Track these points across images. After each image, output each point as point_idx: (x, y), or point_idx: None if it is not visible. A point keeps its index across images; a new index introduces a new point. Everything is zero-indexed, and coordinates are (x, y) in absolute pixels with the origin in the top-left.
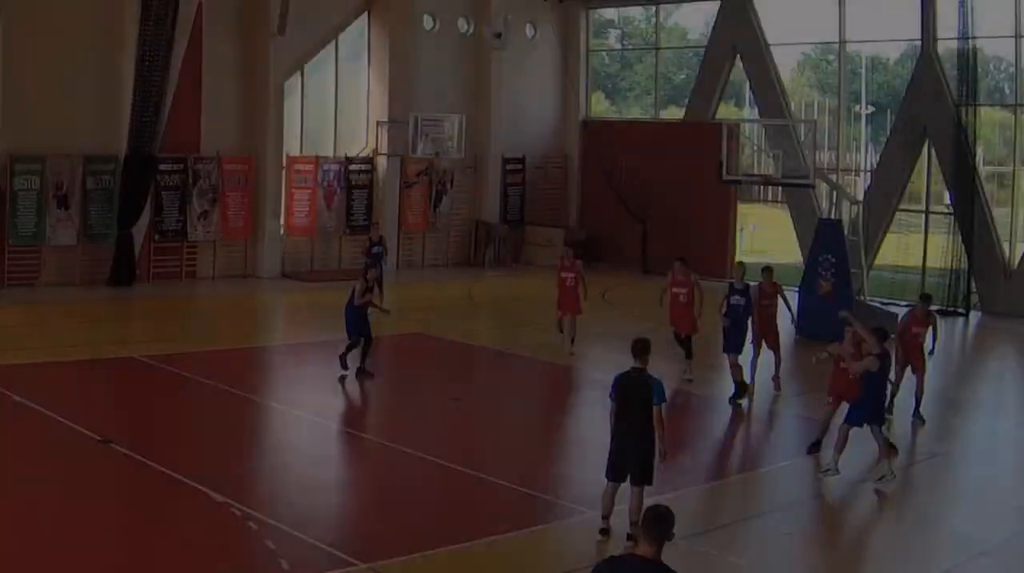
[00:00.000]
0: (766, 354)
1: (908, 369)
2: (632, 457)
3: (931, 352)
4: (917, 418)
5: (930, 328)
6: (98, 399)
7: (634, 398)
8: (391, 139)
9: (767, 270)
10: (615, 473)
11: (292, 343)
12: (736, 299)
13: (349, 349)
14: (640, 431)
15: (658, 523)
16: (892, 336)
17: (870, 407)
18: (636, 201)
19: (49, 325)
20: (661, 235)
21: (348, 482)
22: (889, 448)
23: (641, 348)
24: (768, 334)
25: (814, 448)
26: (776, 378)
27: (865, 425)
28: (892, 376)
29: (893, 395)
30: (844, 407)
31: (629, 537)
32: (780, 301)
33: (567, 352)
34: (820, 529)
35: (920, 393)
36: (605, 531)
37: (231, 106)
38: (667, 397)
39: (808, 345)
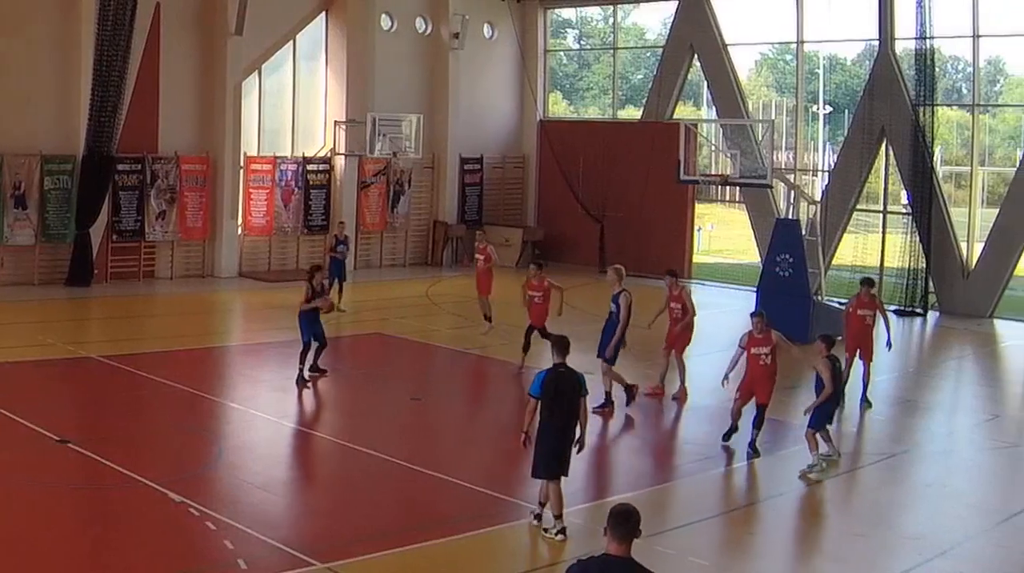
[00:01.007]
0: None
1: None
2: (559, 450)
3: (888, 344)
4: (864, 403)
5: (878, 313)
6: (56, 399)
7: (565, 393)
8: (349, 139)
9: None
10: (551, 471)
11: (250, 343)
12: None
13: (303, 352)
14: (570, 425)
15: (626, 521)
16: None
17: (822, 414)
18: (594, 201)
19: (6, 325)
20: (619, 235)
21: (306, 482)
22: (823, 446)
23: (564, 345)
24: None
25: (727, 437)
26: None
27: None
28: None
29: (845, 381)
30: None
31: (536, 518)
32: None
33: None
34: (781, 529)
35: (867, 378)
36: (563, 530)
37: (189, 106)
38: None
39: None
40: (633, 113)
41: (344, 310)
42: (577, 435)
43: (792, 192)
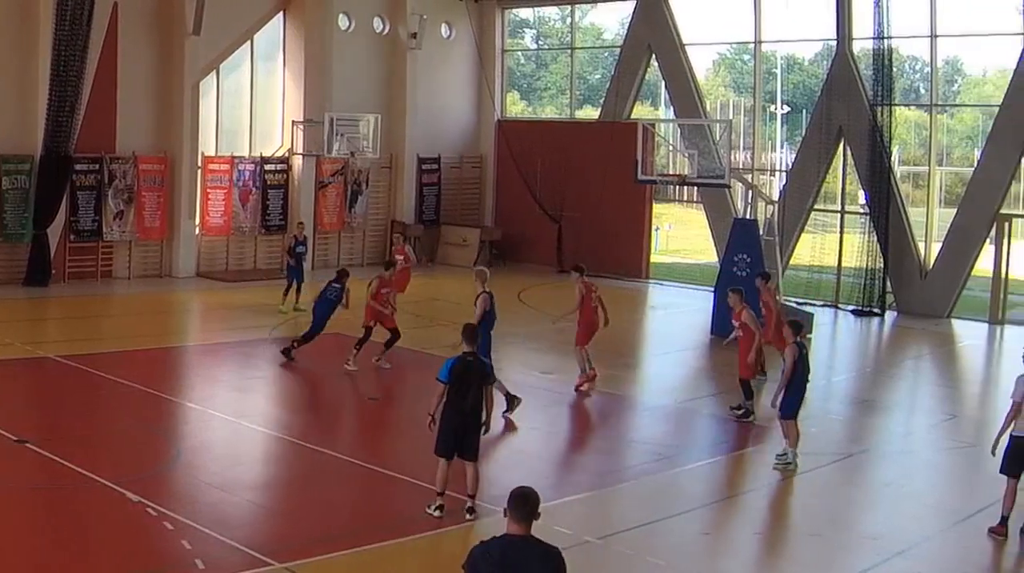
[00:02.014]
0: None
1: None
2: (467, 435)
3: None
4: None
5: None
6: (13, 399)
7: (472, 380)
8: (306, 139)
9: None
10: (449, 451)
11: (208, 343)
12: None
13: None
14: (476, 410)
15: (525, 503)
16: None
17: (796, 400)
18: (551, 201)
19: None
20: (576, 235)
21: (264, 482)
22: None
23: (472, 334)
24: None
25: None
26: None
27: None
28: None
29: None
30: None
31: (470, 512)
32: None
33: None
34: (737, 529)
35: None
36: (442, 508)
37: (147, 106)
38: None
39: (722, 345)
40: (591, 113)
41: (303, 309)
42: (483, 420)
43: (750, 192)
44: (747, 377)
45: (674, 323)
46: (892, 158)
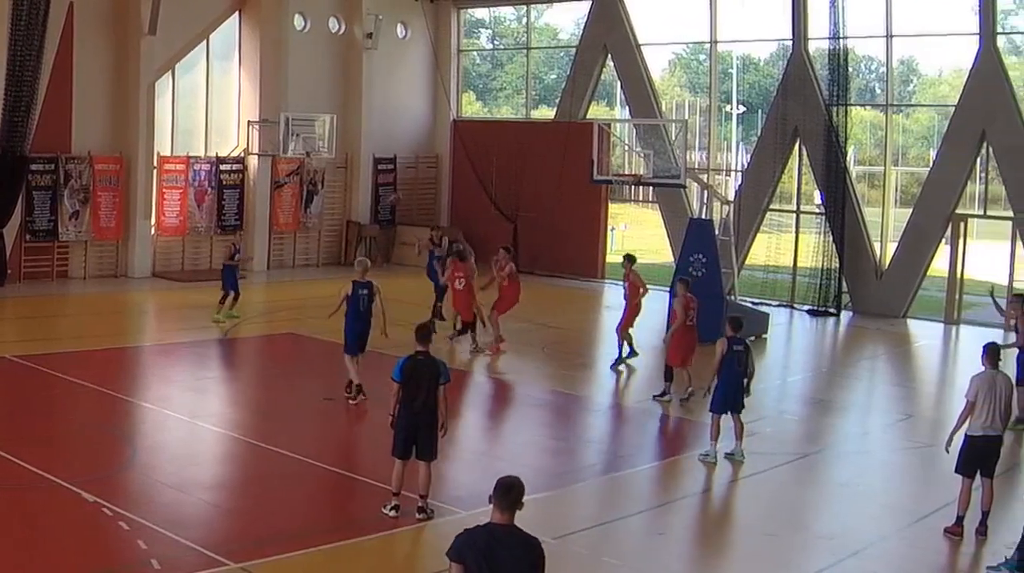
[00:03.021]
0: None
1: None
2: (422, 435)
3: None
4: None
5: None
6: None
7: (424, 379)
8: (262, 139)
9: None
10: (405, 451)
11: (164, 343)
12: None
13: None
14: (430, 410)
15: (508, 492)
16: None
17: (720, 396)
18: (507, 201)
19: None
20: (532, 235)
21: (220, 482)
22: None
23: (426, 333)
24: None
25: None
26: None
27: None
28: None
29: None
30: None
31: (420, 511)
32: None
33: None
34: (692, 529)
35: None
36: (397, 508)
37: (102, 106)
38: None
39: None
40: (546, 113)
41: (237, 316)
42: (441, 420)
43: (705, 192)
44: (673, 364)
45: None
46: (848, 158)
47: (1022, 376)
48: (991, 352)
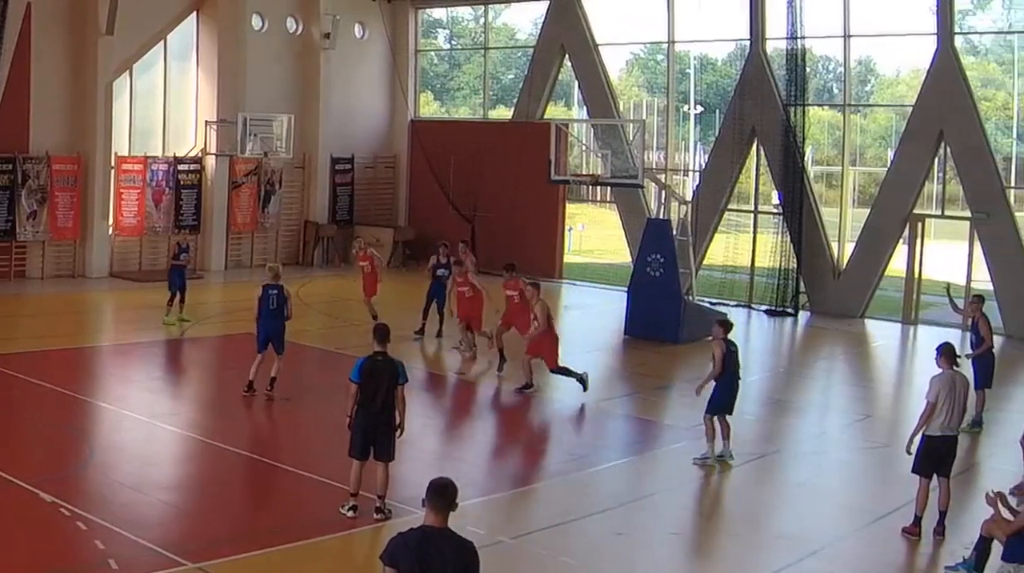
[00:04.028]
0: None
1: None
2: (380, 436)
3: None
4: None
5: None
6: None
7: (382, 380)
8: (220, 139)
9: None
10: (363, 452)
11: (121, 343)
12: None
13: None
14: (388, 410)
15: (442, 494)
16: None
17: (718, 397)
18: (465, 201)
19: None
20: (490, 235)
21: (178, 482)
22: (719, 443)
23: (383, 334)
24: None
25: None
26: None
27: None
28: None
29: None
30: None
31: (378, 511)
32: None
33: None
34: (649, 529)
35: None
36: (355, 508)
37: (60, 106)
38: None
39: (635, 346)
40: (504, 113)
41: (188, 320)
42: (398, 420)
43: (663, 192)
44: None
45: (587, 323)
46: (805, 158)
47: (980, 379)
48: (949, 352)
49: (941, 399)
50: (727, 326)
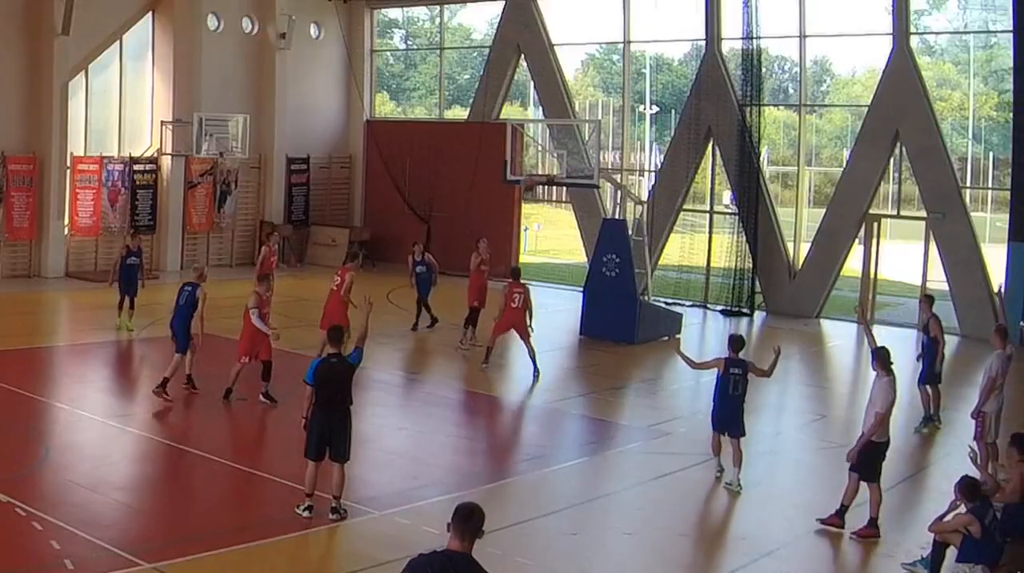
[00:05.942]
0: None
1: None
2: (335, 437)
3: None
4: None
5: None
6: None
7: (339, 381)
8: (175, 139)
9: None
10: (318, 453)
11: (76, 343)
12: None
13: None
14: (344, 411)
15: (468, 519)
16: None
17: (713, 415)
18: (420, 201)
19: None
20: (445, 235)
21: (133, 482)
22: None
23: (338, 335)
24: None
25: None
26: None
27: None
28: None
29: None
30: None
31: (333, 512)
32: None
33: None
34: (605, 529)
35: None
36: (311, 508)
37: (15, 106)
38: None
39: (591, 346)
40: (460, 113)
41: (132, 329)
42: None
43: (619, 192)
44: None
45: (543, 323)
46: (761, 158)
47: (927, 375)
48: (885, 357)
49: (891, 408)
50: (737, 344)
